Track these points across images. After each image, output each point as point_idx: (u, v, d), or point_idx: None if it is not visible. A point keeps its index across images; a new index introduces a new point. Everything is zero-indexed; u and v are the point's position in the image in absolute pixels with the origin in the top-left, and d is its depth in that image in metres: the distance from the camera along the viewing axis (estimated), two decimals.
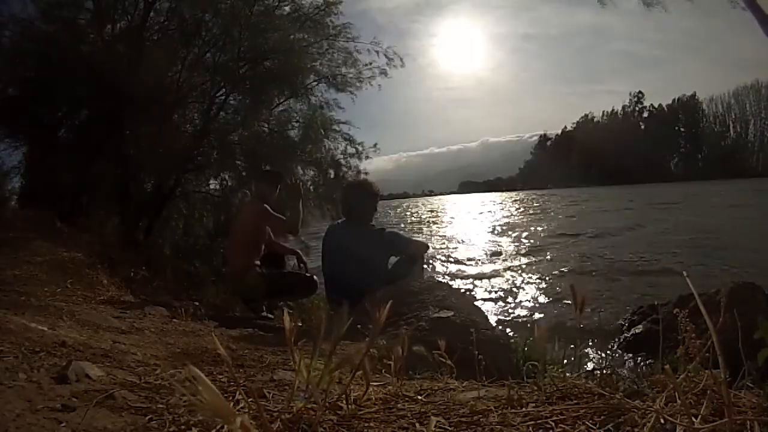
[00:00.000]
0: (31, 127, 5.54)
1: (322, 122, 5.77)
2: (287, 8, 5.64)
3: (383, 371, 1.01)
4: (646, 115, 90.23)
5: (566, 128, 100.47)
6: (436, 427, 0.66)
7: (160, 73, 5.19)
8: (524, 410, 0.72)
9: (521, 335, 2.29)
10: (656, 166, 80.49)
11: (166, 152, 5.30)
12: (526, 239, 11.66)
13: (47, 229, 4.32)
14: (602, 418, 0.67)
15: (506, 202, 39.36)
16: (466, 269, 7.82)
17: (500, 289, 5.97)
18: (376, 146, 6.12)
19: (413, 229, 17.27)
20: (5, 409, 0.73)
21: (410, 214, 30.69)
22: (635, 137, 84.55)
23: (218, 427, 0.65)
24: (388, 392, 0.85)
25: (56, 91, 5.18)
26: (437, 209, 35.91)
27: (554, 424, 0.66)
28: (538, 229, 14.14)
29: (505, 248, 10.17)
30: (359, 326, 1.20)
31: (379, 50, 5.84)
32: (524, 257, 8.61)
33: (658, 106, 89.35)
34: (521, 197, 48.77)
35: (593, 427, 0.65)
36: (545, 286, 5.85)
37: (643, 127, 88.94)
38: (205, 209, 5.90)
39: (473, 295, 5.40)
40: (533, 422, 0.68)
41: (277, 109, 5.89)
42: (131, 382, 0.94)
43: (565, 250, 9.16)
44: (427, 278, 2.91)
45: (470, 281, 6.64)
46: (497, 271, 7.39)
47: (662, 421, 0.61)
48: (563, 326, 3.70)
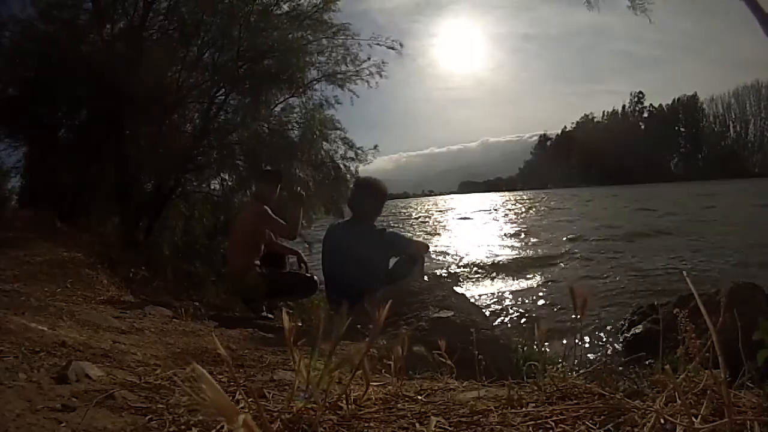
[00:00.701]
0: (31, 127, 5.55)
1: (321, 123, 5.77)
2: (285, 7, 5.65)
3: (383, 371, 1.01)
4: (646, 115, 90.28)
5: (566, 128, 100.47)
6: (436, 427, 0.66)
7: (159, 73, 5.20)
8: (524, 410, 0.72)
9: (521, 335, 2.29)
10: (656, 166, 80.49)
11: (166, 152, 5.30)
12: (526, 239, 11.66)
13: (47, 229, 4.32)
14: (602, 418, 0.67)
15: (508, 202, 39.34)
16: (465, 269, 7.82)
17: (501, 289, 5.97)
18: (376, 147, 6.12)
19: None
20: (5, 409, 0.73)
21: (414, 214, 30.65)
22: (635, 137, 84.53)
23: (218, 427, 0.65)
24: (388, 392, 0.85)
25: (56, 91, 5.18)
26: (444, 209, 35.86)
27: (554, 424, 0.66)
28: (538, 228, 14.14)
29: (505, 248, 10.18)
30: (359, 326, 1.20)
31: (380, 43, 5.83)
32: (524, 257, 8.62)
33: (658, 106, 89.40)
34: (522, 197, 48.76)
35: (593, 427, 0.65)
36: (546, 285, 5.85)
37: (643, 127, 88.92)
38: (205, 209, 5.90)
39: (473, 295, 5.40)
40: (533, 422, 0.68)
41: (276, 108, 5.90)
42: (131, 382, 0.94)
43: (565, 250, 9.16)
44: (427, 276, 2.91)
45: (471, 281, 6.64)
46: (497, 271, 7.39)
47: (662, 421, 0.61)
48: (563, 326, 3.71)
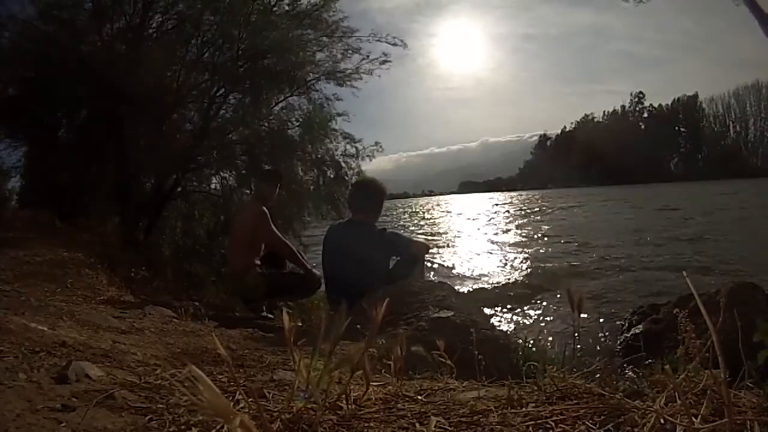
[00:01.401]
0: (31, 127, 5.55)
1: (321, 120, 5.75)
2: (285, 6, 5.64)
3: (383, 371, 1.01)
4: (646, 115, 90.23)
5: (566, 128, 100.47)
6: (436, 427, 0.66)
7: (159, 72, 5.20)
8: (524, 410, 0.72)
9: (521, 335, 2.29)
10: (656, 166, 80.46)
11: (165, 152, 5.30)
12: (525, 239, 11.66)
13: (47, 229, 4.33)
14: (602, 418, 0.66)
15: (507, 202, 39.31)
16: (465, 269, 7.82)
17: (501, 289, 5.97)
18: (377, 144, 6.06)
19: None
20: (5, 409, 0.73)
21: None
22: (635, 137, 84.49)
23: (218, 427, 0.65)
24: (388, 392, 0.85)
25: (56, 91, 5.18)
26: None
27: (554, 424, 0.66)
28: (538, 228, 14.14)
29: (505, 248, 10.18)
30: (359, 326, 1.20)
31: (381, 39, 5.81)
32: (525, 257, 8.62)
33: (657, 106, 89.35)
34: (523, 197, 48.74)
35: (593, 427, 0.65)
36: (546, 285, 5.85)
37: (643, 127, 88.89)
38: (205, 209, 5.90)
39: (474, 296, 5.40)
40: (533, 422, 0.68)
41: (277, 107, 5.89)
42: (131, 382, 0.94)
43: (566, 250, 9.16)
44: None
45: (471, 281, 6.64)
46: (497, 271, 7.39)
47: (662, 421, 0.61)
48: (563, 326, 3.70)
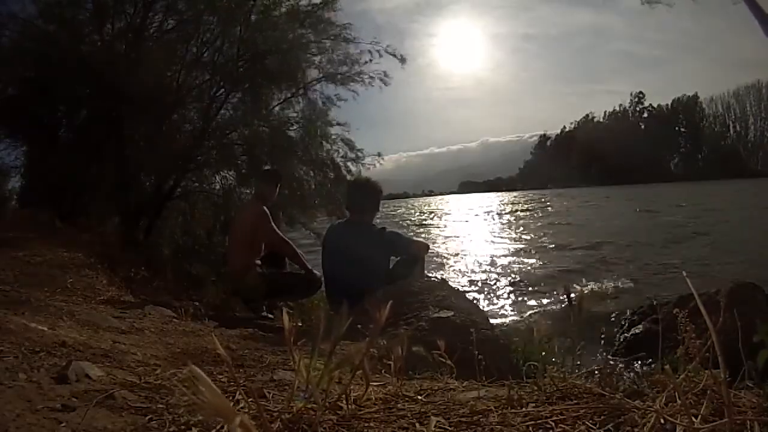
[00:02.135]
0: (31, 127, 5.55)
1: (321, 124, 5.76)
2: (285, 6, 5.64)
3: (383, 371, 1.01)
4: (646, 115, 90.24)
5: (566, 128, 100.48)
6: (436, 427, 0.66)
7: (159, 72, 5.20)
8: (524, 410, 0.72)
9: (521, 335, 2.29)
10: (656, 166, 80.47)
11: (166, 152, 5.30)
12: (525, 238, 11.66)
13: (47, 229, 4.32)
14: (602, 418, 0.66)
15: (508, 203, 39.30)
16: (466, 270, 7.82)
17: (501, 289, 5.97)
18: (379, 155, 6.01)
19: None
20: (5, 409, 0.73)
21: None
22: (635, 137, 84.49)
23: (218, 427, 0.65)
24: (388, 392, 0.85)
25: (56, 91, 5.18)
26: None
27: (554, 424, 0.66)
28: (538, 228, 14.14)
29: (505, 248, 10.18)
30: (359, 326, 1.20)
31: (379, 49, 5.80)
32: (525, 257, 8.62)
33: (657, 106, 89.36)
34: (524, 197, 48.75)
35: (593, 427, 0.65)
36: (546, 285, 5.85)
37: (643, 127, 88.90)
38: (205, 209, 5.90)
39: (474, 295, 5.40)
40: (533, 422, 0.68)
41: (277, 107, 5.89)
42: (131, 382, 0.94)
43: (566, 250, 9.16)
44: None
45: (471, 281, 6.64)
46: (498, 271, 7.39)
47: (662, 421, 0.61)
48: (563, 326, 3.70)
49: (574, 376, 0.87)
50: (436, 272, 7.25)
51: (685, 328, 0.83)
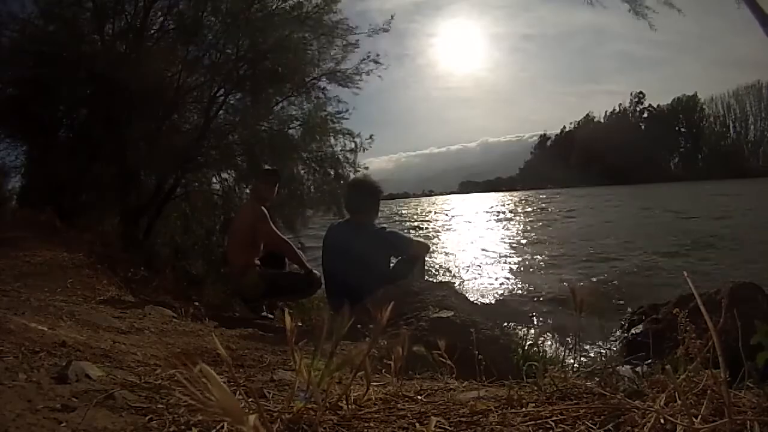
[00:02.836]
0: (31, 127, 5.54)
1: (321, 119, 5.75)
2: (286, 7, 5.64)
3: (383, 371, 1.01)
4: (646, 115, 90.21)
5: (566, 128, 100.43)
6: (436, 427, 0.66)
7: (159, 72, 5.19)
8: (524, 410, 0.72)
9: (521, 335, 2.28)
10: (656, 166, 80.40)
11: (165, 152, 5.30)
12: (526, 239, 11.66)
13: (47, 229, 4.31)
14: (602, 418, 0.66)
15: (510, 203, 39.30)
16: (466, 270, 7.82)
17: (501, 288, 5.97)
18: (371, 137, 6.05)
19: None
20: (5, 409, 0.73)
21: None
22: (635, 137, 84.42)
23: (218, 427, 0.65)
24: (388, 392, 0.85)
25: (56, 91, 5.18)
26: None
27: (554, 424, 0.66)
28: (538, 228, 14.14)
29: (505, 248, 10.18)
30: (359, 326, 1.20)
31: (374, 30, 5.84)
32: (525, 257, 8.62)
33: (657, 106, 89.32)
34: (524, 197, 48.73)
35: (593, 427, 0.65)
36: (546, 285, 5.85)
37: (643, 127, 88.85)
38: (205, 209, 5.90)
39: (474, 296, 5.40)
40: (533, 422, 0.68)
41: (277, 107, 5.89)
42: (131, 382, 0.93)
43: (566, 250, 9.16)
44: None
45: (471, 281, 6.64)
46: (498, 271, 7.39)
47: (662, 421, 0.61)
48: (563, 326, 3.70)
49: (574, 376, 0.87)
50: (436, 272, 7.27)
51: (685, 328, 0.83)
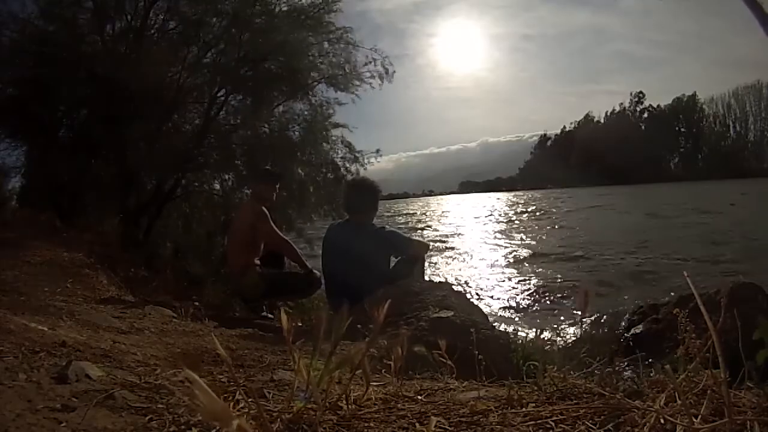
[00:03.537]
0: (31, 127, 5.54)
1: (321, 126, 5.76)
2: (287, 7, 5.64)
3: (383, 371, 1.01)
4: (646, 115, 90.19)
5: (566, 128, 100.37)
6: (436, 427, 0.66)
7: (160, 73, 5.19)
8: (524, 410, 0.72)
9: (521, 335, 2.29)
10: (656, 166, 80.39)
11: (166, 152, 5.29)
12: (526, 239, 11.66)
13: (47, 229, 4.32)
14: (602, 418, 0.66)
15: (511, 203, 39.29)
16: (466, 269, 7.82)
17: (502, 288, 5.97)
18: (378, 152, 6.05)
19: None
20: (5, 409, 0.73)
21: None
22: (635, 137, 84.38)
23: (218, 427, 0.65)
24: (388, 392, 0.85)
25: (56, 91, 5.18)
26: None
27: (554, 424, 0.66)
28: (539, 228, 14.14)
29: (505, 248, 10.18)
30: (359, 326, 1.20)
31: (377, 58, 5.81)
32: (525, 257, 8.62)
33: (657, 106, 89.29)
34: (524, 197, 48.74)
35: (593, 427, 0.65)
36: (546, 285, 5.85)
37: (643, 127, 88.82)
38: (205, 209, 5.90)
39: (474, 296, 5.40)
40: (533, 422, 0.68)
41: (277, 109, 5.89)
42: (131, 382, 0.94)
43: (566, 249, 9.16)
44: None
45: (471, 281, 6.64)
46: (498, 271, 7.39)
47: (662, 421, 0.61)
48: (563, 326, 3.70)
49: (574, 376, 0.87)
50: (435, 271, 7.27)
51: (685, 328, 0.83)
